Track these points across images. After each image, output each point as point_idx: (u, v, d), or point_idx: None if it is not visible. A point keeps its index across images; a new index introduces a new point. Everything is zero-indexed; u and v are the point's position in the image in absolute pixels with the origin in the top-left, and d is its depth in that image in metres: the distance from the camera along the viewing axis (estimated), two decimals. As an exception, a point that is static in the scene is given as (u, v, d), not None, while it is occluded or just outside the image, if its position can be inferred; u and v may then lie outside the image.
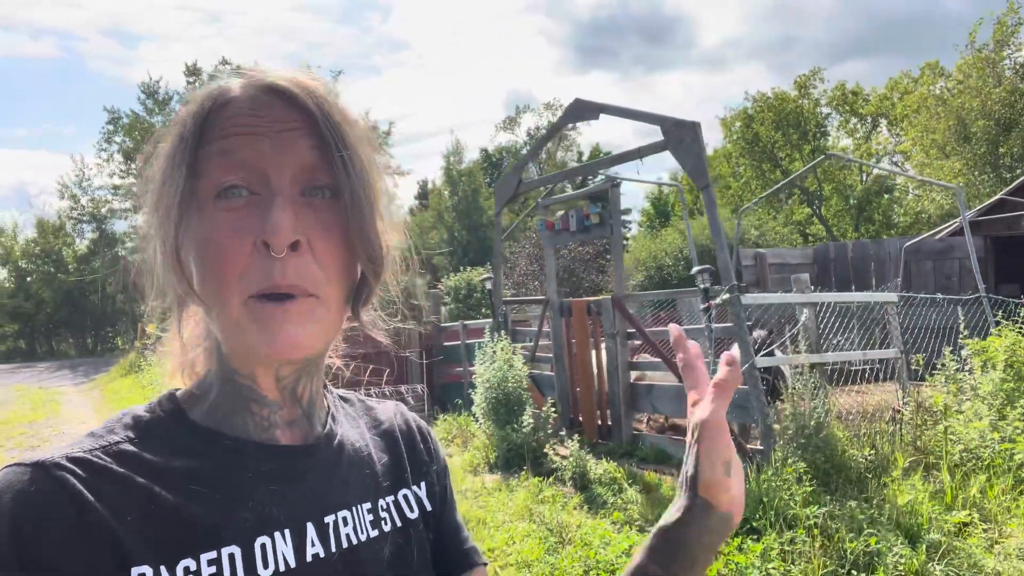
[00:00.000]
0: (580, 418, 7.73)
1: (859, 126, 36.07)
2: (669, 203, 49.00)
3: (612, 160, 7.16)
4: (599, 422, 7.51)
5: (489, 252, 32.97)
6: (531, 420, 6.66)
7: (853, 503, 4.41)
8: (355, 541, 0.74)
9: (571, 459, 6.13)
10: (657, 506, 5.35)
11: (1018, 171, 16.21)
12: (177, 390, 0.76)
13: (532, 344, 8.50)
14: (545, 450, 6.29)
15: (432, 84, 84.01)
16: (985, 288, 7.84)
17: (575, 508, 5.70)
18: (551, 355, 8.16)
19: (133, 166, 32.80)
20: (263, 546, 0.67)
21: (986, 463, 4.94)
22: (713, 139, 50.13)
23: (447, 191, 44.07)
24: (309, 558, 0.70)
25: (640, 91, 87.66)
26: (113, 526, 0.60)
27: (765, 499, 4.62)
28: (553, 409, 7.07)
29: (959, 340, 6.20)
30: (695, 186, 6.25)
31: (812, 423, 5.14)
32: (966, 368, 6.23)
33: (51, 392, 18.78)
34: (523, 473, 6.33)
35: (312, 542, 0.70)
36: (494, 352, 7.37)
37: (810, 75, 32.73)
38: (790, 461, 4.97)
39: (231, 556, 0.64)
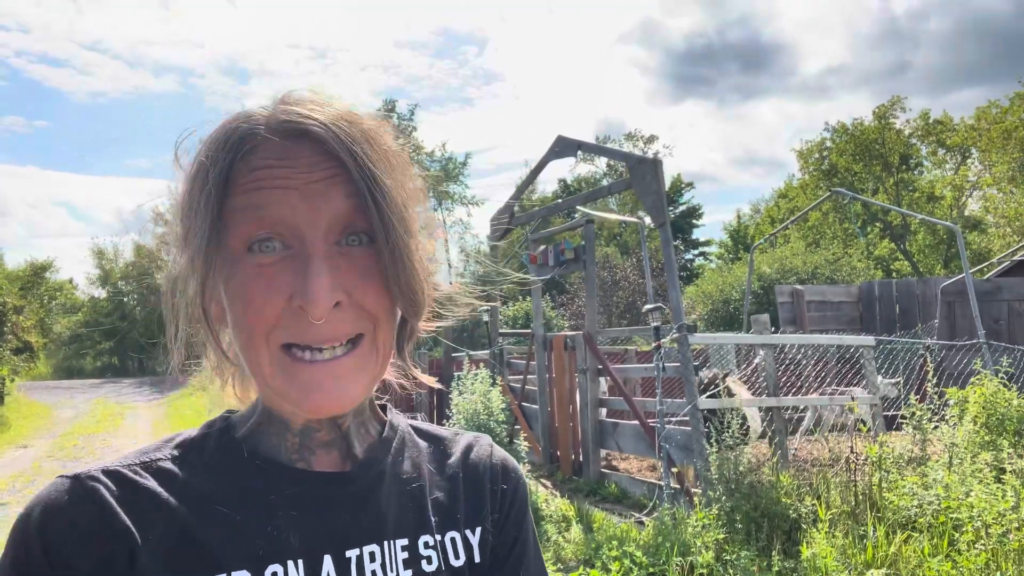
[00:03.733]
0: (559, 453, 7.72)
1: (948, 157, 34.35)
2: (749, 235, 47.87)
3: (586, 196, 7.22)
4: (572, 457, 7.48)
5: (552, 283, 33.12)
6: (492, 453, 6.70)
7: (745, 553, 4.27)
8: None
9: (521, 494, 6.14)
10: (585, 547, 5.30)
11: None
12: (233, 412, 0.76)
13: (521, 378, 8.56)
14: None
15: (523, 115, 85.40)
16: (985, 334, 7.36)
17: (518, 543, 5.71)
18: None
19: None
20: (274, 574, 0.65)
21: (915, 521, 4.66)
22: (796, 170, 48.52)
23: (520, 221, 44.60)
24: None
25: (735, 120, 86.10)
26: (133, 537, 0.61)
27: (668, 543, 4.53)
28: (526, 443, 7.09)
29: (925, 387, 5.87)
30: (654, 223, 6.23)
31: (740, 469, 5.00)
32: (940, 417, 5.89)
33: (123, 407, 20.07)
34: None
35: (328, 575, 0.67)
36: (472, 384, 7.48)
37: (890, 105, 31.42)
38: (713, 508, 4.85)
39: None
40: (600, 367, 7.06)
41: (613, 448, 7.08)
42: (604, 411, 7.34)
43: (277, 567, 0.65)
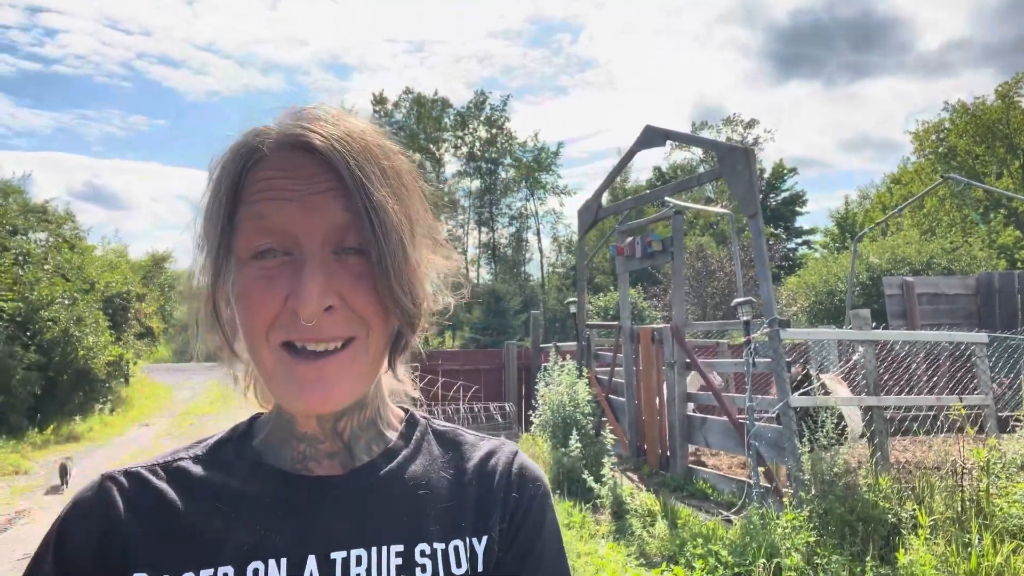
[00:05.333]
0: (645, 447, 7.63)
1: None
2: (857, 222, 45.56)
3: (675, 186, 7.07)
4: (659, 452, 7.38)
5: (645, 274, 32.60)
6: (578, 445, 6.71)
7: (837, 557, 4.10)
8: None
9: (606, 487, 6.12)
10: (670, 543, 5.23)
11: None
12: (261, 414, 0.80)
13: (609, 370, 8.50)
14: (584, 476, 6.32)
15: (618, 101, 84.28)
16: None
17: (602, 537, 5.70)
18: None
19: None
20: (256, 571, 0.67)
21: (1028, 531, 4.34)
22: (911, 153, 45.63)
23: (614, 210, 44.16)
24: None
25: (844, 101, 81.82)
26: (131, 533, 0.67)
27: (755, 544, 4.42)
28: (612, 436, 7.06)
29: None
30: (744, 214, 6.04)
31: (835, 470, 4.80)
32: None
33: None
34: (555, 496, 6.41)
35: (311, 575, 0.69)
36: (558, 375, 7.51)
37: (1014, 82, 29.08)
38: (804, 509, 4.68)
39: (224, 575, 0.67)
40: (688, 361, 6.93)
41: (701, 443, 6.94)
42: (692, 405, 7.19)
43: (259, 564, 0.68)
